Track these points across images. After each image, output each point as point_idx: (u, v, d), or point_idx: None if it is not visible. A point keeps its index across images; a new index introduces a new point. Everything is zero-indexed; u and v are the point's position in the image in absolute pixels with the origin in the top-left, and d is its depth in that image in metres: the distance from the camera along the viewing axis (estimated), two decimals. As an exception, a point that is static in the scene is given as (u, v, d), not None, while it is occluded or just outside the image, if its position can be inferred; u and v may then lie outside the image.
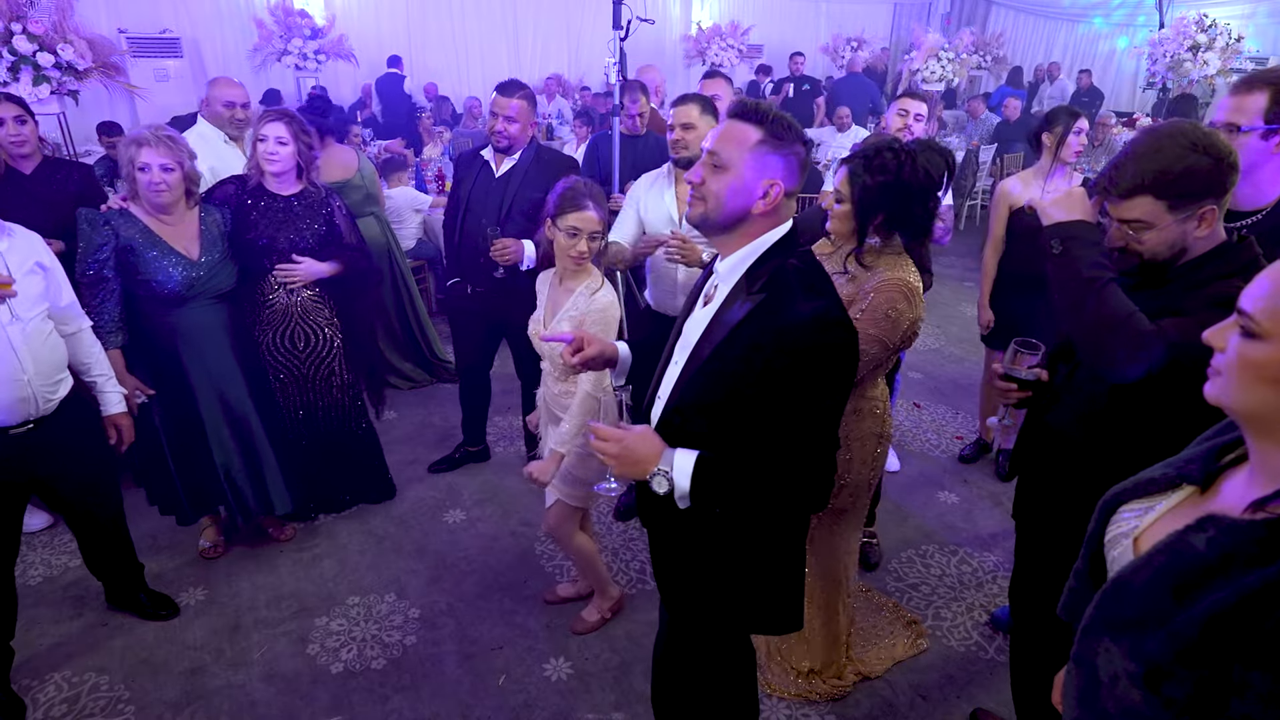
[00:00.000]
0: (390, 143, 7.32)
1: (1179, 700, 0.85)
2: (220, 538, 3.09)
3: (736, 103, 1.43)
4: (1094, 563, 1.14)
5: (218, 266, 2.69)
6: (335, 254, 2.97)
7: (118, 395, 2.47)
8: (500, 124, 3.07)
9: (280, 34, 8.48)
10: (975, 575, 3.01)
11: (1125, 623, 0.93)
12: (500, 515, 3.38)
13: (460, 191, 3.25)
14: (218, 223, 2.73)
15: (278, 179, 2.85)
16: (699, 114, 2.81)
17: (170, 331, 2.68)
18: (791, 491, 1.40)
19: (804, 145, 1.42)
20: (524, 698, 2.44)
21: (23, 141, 2.97)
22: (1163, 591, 0.89)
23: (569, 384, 2.35)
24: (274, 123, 2.77)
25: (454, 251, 3.33)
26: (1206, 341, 0.94)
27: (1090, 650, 0.98)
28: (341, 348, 3.09)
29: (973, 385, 4.48)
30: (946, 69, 9.67)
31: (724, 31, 11.02)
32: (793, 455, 1.37)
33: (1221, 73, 8.01)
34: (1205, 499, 1.00)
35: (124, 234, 2.55)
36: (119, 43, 7.34)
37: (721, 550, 1.56)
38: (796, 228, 1.47)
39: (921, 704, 2.43)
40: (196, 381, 2.75)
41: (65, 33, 4.92)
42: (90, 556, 2.63)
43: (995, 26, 12.46)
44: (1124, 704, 0.92)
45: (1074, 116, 3.17)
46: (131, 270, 2.57)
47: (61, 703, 2.41)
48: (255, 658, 2.59)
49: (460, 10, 10.42)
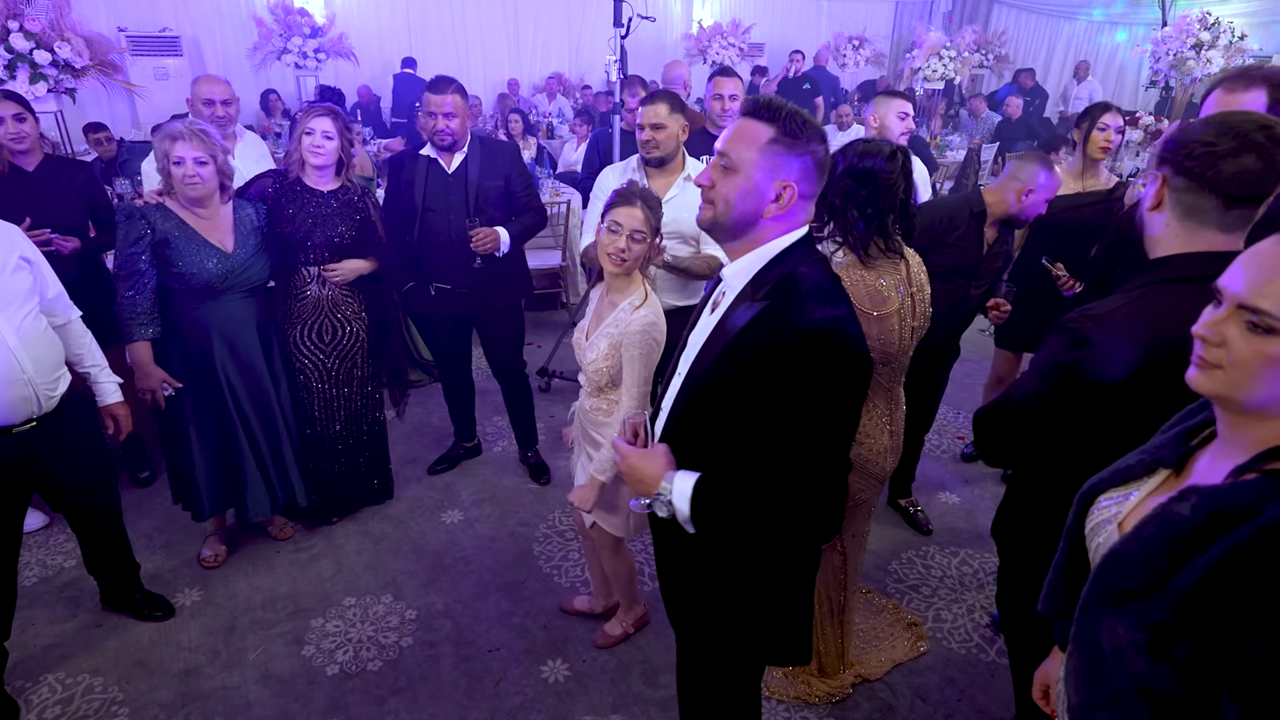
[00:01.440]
0: (390, 141, 7.30)
1: (1185, 662, 0.88)
2: (222, 547, 3.07)
3: (749, 100, 1.35)
4: (1073, 555, 1.15)
5: (251, 259, 2.70)
6: (369, 251, 2.98)
7: (113, 385, 2.47)
8: (441, 123, 3.02)
9: (280, 32, 8.47)
10: (976, 577, 2.99)
11: (1124, 594, 0.94)
12: (498, 516, 3.36)
13: (412, 194, 3.14)
14: (251, 217, 2.75)
15: (319, 173, 2.85)
16: (668, 113, 2.79)
17: (202, 324, 2.69)
18: (797, 518, 1.29)
19: (822, 144, 1.33)
20: (521, 699, 2.43)
21: (22, 138, 2.95)
22: (1157, 559, 0.91)
23: (601, 399, 2.25)
24: (322, 117, 2.80)
25: (411, 255, 3.24)
26: (1197, 335, 0.93)
27: (1091, 628, 0.99)
28: (365, 342, 3.08)
29: (976, 386, 4.46)
30: (948, 67, 9.63)
31: (725, 30, 10.99)
32: (798, 478, 1.26)
33: (1224, 70, 7.97)
34: (1180, 479, 1.02)
35: (160, 227, 2.57)
36: (118, 41, 7.34)
37: (727, 576, 1.48)
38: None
39: (921, 706, 2.41)
40: (225, 375, 2.75)
41: (63, 30, 4.90)
42: (90, 555, 2.62)
43: (997, 25, 12.42)
44: (1131, 675, 0.94)
45: (1103, 111, 3.12)
46: (166, 263, 2.59)
47: (55, 704, 2.40)
48: (251, 659, 2.57)
49: (460, 8, 10.41)
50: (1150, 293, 1.35)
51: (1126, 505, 1.05)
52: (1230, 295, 0.91)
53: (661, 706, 2.40)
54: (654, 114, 2.79)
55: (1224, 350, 0.90)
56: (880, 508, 3.36)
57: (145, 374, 2.62)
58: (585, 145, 6.59)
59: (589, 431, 2.31)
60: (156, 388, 2.64)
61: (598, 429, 2.27)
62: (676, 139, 2.85)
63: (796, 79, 9.89)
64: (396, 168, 3.24)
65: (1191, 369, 0.94)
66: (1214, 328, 0.92)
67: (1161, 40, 8.23)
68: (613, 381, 2.20)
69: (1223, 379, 0.91)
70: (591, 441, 2.31)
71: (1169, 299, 1.31)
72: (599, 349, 2.17)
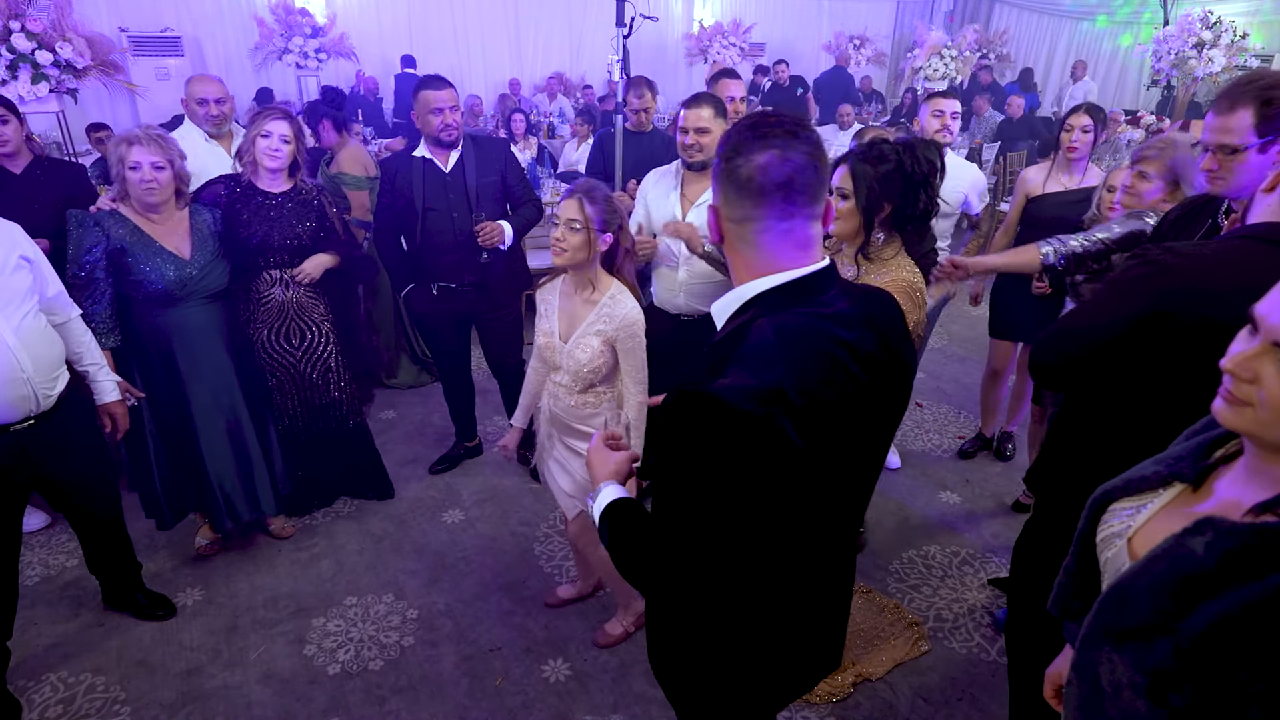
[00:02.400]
0: (391, 140, 7.30)
1: (1182, 710, 0.84)
2: (216, 535, 3.07)
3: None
4: (1083, 561, 1.12)
5: (210, 265, 2.68)
6: (329, 247, 3.00)
7: (111, 384, 2.46)
8: (449, 117, 3.04)
9: (281, 32, 8.47)
10: (977, 577, 2.98)
11: (1127, 632, 0.90)
12: (499, 515, 3.36)
13: (410, 195, 3.14)
14: (207, 222, 2.73)
15: (271, 175, 2.85)
16: (712, 116, 2.74)
17: (164, 332, 2.67)
18: (647, 573, 1.17)
19: (739, 155, 1.09)
20: (522, 699, 2.43)
21: (5, 141, 2.93)
22: (1164, 599, 0.86)
23: (589, 395, 2.27)
24: (279, 120, 2.80)
25: (411, 256, 3.25)
26: (1227, 371, 0.88)
27: (1092, 661, 0.95)
28: (337, 344, 3.09)
29: (975, 385, 4.45)
30: (949, 67, 9.62)
31: (726, 29, 10.99)
32: (660, 537, 1.12)
33: (1226, 70, 7.96)
34: (1197, 497, 0.97)
35: (115, 234, 2.54)
36: (120, 41, 7.34)
37: (682, 632, 1.34)
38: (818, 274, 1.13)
39: (923, 706, 2.40)
40: (189, 383, 2.73)
41: (64, 30, 4.90)
42: (91, 555, 2.62)
43: (999, 24, 12.41)
44: (1128, 714, 0.90)
45: (1072, 113, 3.28)
46: (123, 270, 2.56)
47: (57, 703, 2.40)
48: (252, 658, 2.58)
49: (462, 8, 10.41)
50: (1241, 245, 1.43)
51: (1139, 519, 1.01)
52: (1269, 329, 0.84)
53: (663, 706, 2.40)
54: (699, 118, 2.71)
55: (1255, 388, 0.84)
56: (879, 508, 3.37)
57: None
58: (585, 145, 6.60)
59: (575, 426, 2.32)
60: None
61: (584, 422, 2.29)
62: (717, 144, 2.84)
63: (789, 86, 9.88)
64: (389, 171, 3.22)
65: (1218, 401, 0.89)
66: (1246, 364, 0.85)
67: (1163, 39, 8.22)
68: (605, 378, 2.23)
69: (1252, 417, 0.85)
70: (579, 435, 2.32)
71: (1258, 253, 1.39)
72: (591, 348, 2.18)
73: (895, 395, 1.23)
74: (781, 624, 1.29)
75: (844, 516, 1.27)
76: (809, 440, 1.04)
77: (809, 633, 1.34)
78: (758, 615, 1.25)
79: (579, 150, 6.87)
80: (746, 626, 1.27)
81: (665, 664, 1.42)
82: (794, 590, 1.26)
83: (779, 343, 1.07)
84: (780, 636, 1.30)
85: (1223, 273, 1.39)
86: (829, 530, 1.24)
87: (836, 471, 1.16)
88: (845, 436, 1.13)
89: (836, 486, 1.19)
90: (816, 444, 1.06)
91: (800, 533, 1.17)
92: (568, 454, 2.36)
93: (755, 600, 1.23)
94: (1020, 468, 3.67)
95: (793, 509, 1.11)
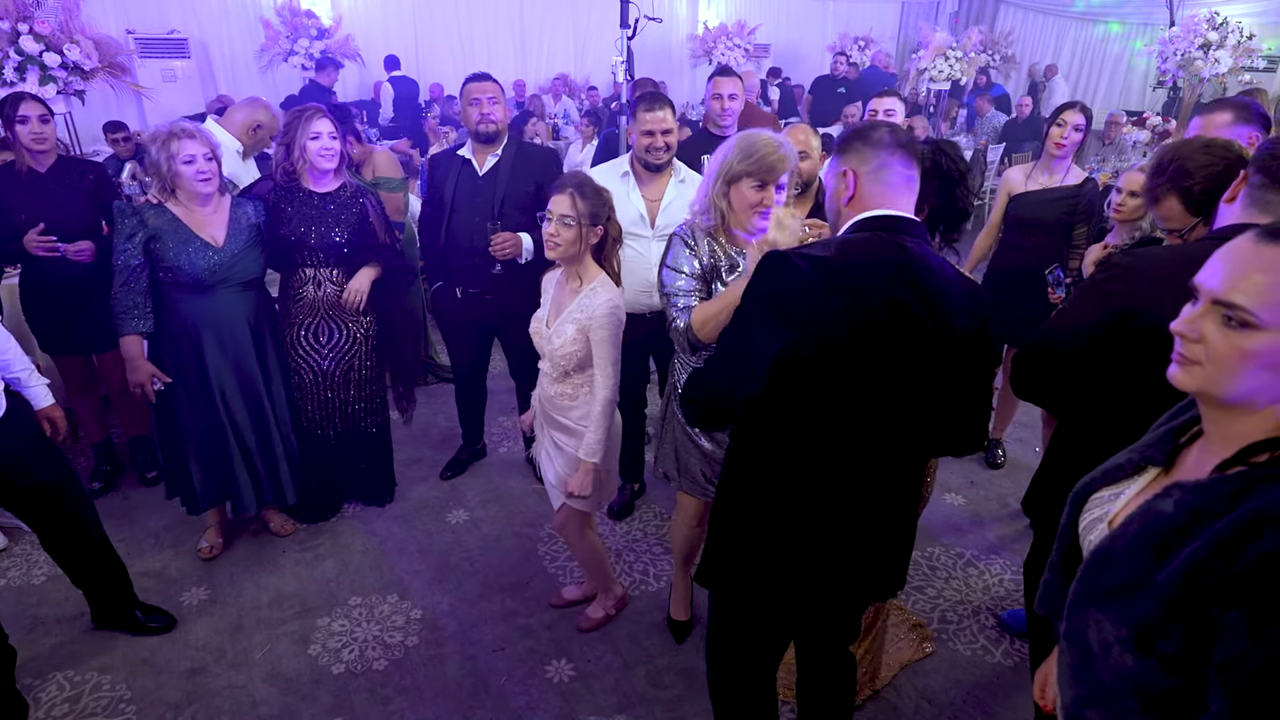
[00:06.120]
0: (396, 143, 7.31)
1: (1171, 657, 0.89)
2: (219, 539, 3.08)
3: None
4: (1069, 555, 1.17)
5: (242, 253, 2.71)
6: (371, 253, 2.97)
7: (43, 389, 2.41)
8: (486, 108, 3.03)
9: (287, 34, 8.49)
10: (982, 578, 2.98)
11: (1110, 590, 0.96)
12: (504, 516, 3.37)
13: (443, 193, 3.15)
14: (248, 214, 2.77)
15: (323, 175, 2.87)
16: (671, 117, 2.80)
17: (193, 319, 2.71)
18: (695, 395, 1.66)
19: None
20: (526, 699, 2.43)
21: (44, 139, 3.00)
22: (1142, 554, 0.93)
23: (566, 385, 2.31)
24: (323, 119, 2.81)
25: (438, 255, 3.25)
26: (1176, 332, 0.95)
27: (1080, 624, 1.01)
28: (364, 344, 3.06)
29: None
30: (954, 68, 9.61)
31: (730, 31, 10.99)
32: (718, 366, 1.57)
33: (1233, 71, 7.93)
34: (1169, 477, 1.04)
35: (152, 223, 2.61)
36: (127, 43, 7.38)
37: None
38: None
39: (927, 708, 2.40)
40: (215, 370, 2.76)
41: (72, 33, 4.93)
42: (71, 569, 2.53)
43: (1004, 25, 12.39)
44: (1119, 671, 0.95)
45: (1065, 109, 3.26)
46: (157, 257, 2.62)
47: (64, 701, 2.41)
48: (257, 658, 2.59)
49: (467, 10, 10.43)
50: (1206, 246, 1.47)
51: (1118, 504, 1.07)
52: (1206, 291, 0.92)
53: (666, 706, 2.40)
54: (665, 120, 2.76)
55: (1202, 346, 0.92)
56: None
57: (134, 368, 2.64)
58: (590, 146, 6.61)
59: (555, 417, 2.36)
60: (146, 381, 2.66)
61: (564, 414, 2.33)
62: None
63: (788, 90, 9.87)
64: (435, 167, 3.26)
65: (1172, 366, 0.96)
66: (1192, 324, 0.93)
67: (1169, 40, 8.20)
68: (579, 366, 2.27)
69: (1201, 374, 0.92)
70: (559, 427, 2.36)
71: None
72: (565, 334, 2.23)
73: (929, 362, 1.45)
74: (791, 508, 1.52)
75: (859, 440, 1.48)
76: (832, 309, 1.39)
77: (818, 537, 1.54)
78: (774, 482, 1.52)
79: (584, 151, 6.88)
80: (763, 490, 1.54)
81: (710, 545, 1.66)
82: (807, 477, 1.50)
83: (846, 236, 1.48)
84: (789, 522, 1.53)
85: (1184, 275, 1.40)
86: (842, 436, 1.47)
87: (851, 376, 1.43)
88: (866, 339, 1.41)
89: (850, 397, 1.44)
90: (836, 319, 1.40)
91: (814, 414, 1.45)
92: (553, 447, 2.41)
93: (772, 462, 1.50)
94: (1021, 468, 3.67)
95: (810, 381, 1.42)
